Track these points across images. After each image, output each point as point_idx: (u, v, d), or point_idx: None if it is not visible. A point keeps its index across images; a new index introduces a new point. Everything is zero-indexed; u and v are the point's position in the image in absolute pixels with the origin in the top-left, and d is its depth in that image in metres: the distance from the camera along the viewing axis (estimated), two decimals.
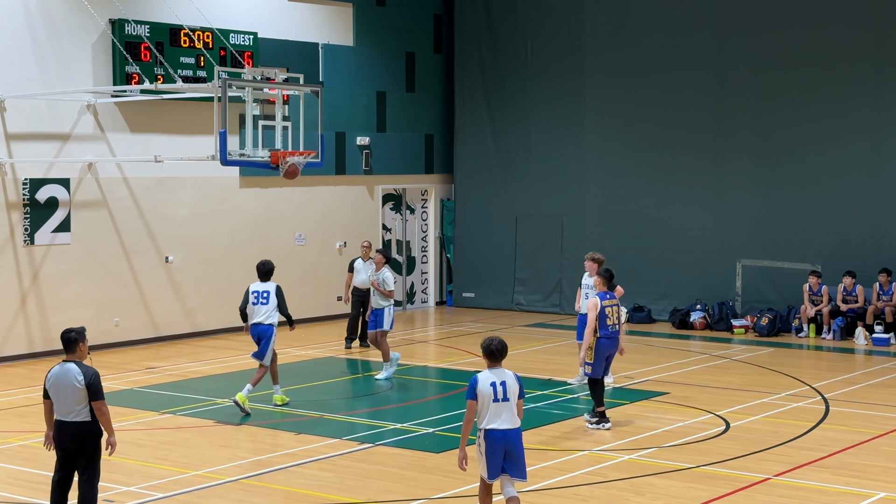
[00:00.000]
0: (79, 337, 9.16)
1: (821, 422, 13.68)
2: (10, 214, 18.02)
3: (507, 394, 8.85)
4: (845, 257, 20.83)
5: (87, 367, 9.10)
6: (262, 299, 14.45)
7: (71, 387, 9.02)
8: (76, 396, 9.04)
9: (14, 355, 18.06)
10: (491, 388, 8.82)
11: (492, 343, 8.93)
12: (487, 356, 8.94)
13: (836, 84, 21.09)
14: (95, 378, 9.07)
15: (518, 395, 8.94)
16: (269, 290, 14.57)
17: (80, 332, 9.21)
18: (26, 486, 10.98)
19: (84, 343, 9.19)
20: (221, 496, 10.64)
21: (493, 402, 8.81)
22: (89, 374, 9.07)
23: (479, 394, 8.84)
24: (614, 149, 23.27)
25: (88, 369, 9.09)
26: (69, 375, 9.04)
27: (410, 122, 24.52)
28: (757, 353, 18.91)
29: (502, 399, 8.83)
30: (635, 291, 22.92)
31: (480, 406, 8.85)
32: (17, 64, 18.06)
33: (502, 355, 8.94)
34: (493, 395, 8.81)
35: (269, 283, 14.66)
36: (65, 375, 9.06)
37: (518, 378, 8.99)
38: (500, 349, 8.93)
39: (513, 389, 8.88)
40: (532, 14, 24.10)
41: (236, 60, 19.60)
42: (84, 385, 9.03)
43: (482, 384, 8.84)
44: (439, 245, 25.49)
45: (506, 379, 8.89)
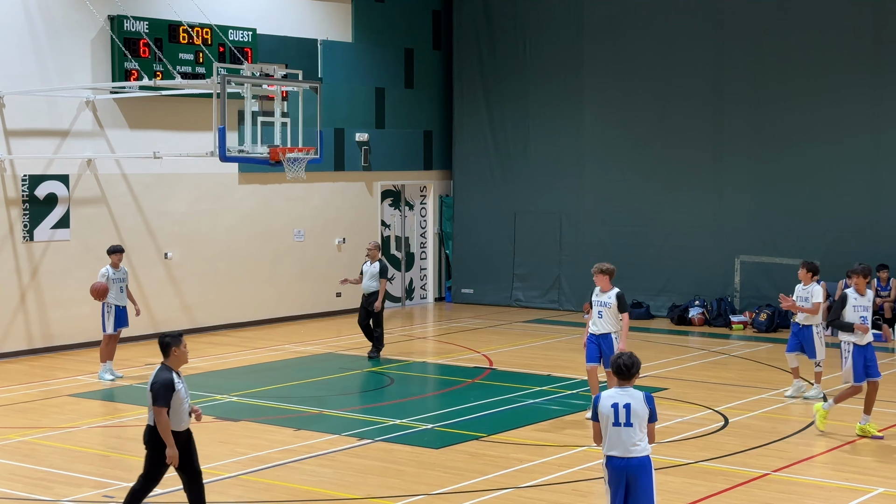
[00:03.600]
0: (172, 342, 9.01)
1: None
2: (9, 211, 18.03)
3: (630, 418, 7.88)
4: (844, 253, 20.83)
5: (160, 373, 8.95)
6: None
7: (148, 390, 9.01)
8: (148, 399, 9.00)
9: (13, 351, 18.07)
10: (612, 410, 7.91)
11: (620, 358, 8.07)
12: (615, 373, 8.06)
13: (834, 81, 21.09)
14: (157, 384, 8.88)
15: (648, 419, 7.95)
16: None
17: (175, 337, 9.04)
18: (26, 481, 11.00)
19: (178, 347, 9.03)
20: (220, 492, 10.66)
21: (612, 425, 7.90)
22: (156, 378, 8.92)
23: (600, 414, 7.97)
24: (613, 145, 23.28)
25: (160, 374, 8.94)
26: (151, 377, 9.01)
27: (409, 118, 24.52)
28: (755, 348, 18.93)
29: (624, 423, 7.87)
30: (634, 287, 22.94)
31: (602, 428, 7.96)
32: (16, 60, 18.05)
33: (630, 373, 8.00)
34: (613, 417, 7.90)
35: None
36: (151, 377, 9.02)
37: (650, 400, 7.99)
38: (628, 366, 8.00)
39: (639, 413, 7.90)
40: (531, 11, 24.10)
41: (235, 57, 19.59)
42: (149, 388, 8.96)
43: (603, 404, 7.95)
44: (438, 241, 25.50)
45: (631, 401, 7.92)
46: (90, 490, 10.68)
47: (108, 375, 16.10)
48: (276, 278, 21.78)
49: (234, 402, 14.63)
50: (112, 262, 16.22)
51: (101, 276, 16.14)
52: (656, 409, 8.05)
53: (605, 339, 13.26)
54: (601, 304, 13.32)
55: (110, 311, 16.05)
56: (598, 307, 13.34)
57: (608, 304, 13.25)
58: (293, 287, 22.07)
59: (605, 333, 13.25)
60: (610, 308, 13.24)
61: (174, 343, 9.01)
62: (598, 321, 13.31)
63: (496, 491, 10.61)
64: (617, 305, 13.24)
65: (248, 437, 12.78)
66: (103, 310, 16.07)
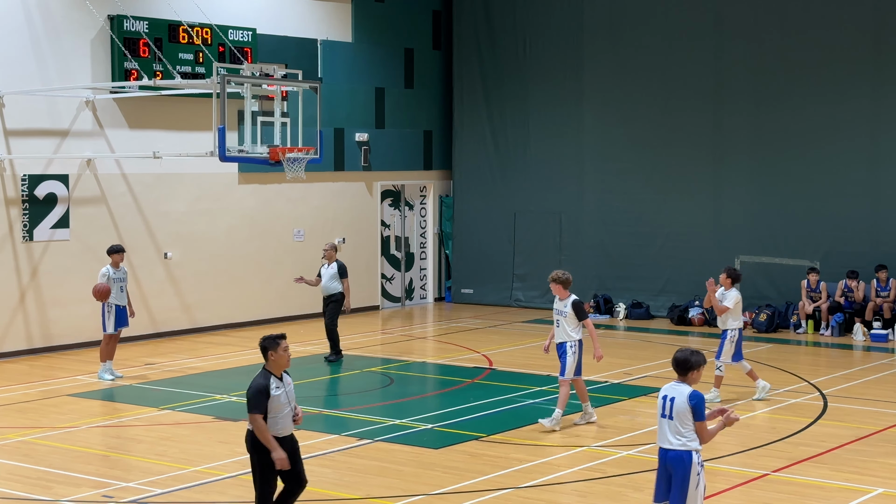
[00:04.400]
0: (268, 345, 8.66)
1: (819, 418, 13.70)
2: (8, 210, 18.02)
3: (671, 411, 8.05)
4: (843, 254, 20.85)
5: (256, 378, 8.64)
6: None
7: None
8: None
9: (13, 351, 18.07)
10: (661, 402, 8.15)
11: (675, 353, 8.18)
12: (672, 367, 8.20)
13: (834, 81, 21.09)
14: (251, 391, 8.57)
15: (691, 415, 7.99)
16: None
17: (272, 340, 8.68)
18: (25, 481, 10.99)
19: (275, 350, 8.64)
20: (220, 492, 10.65)
21: (660, 416, 8.14)
22: (251, 384, 8.61)
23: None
24: (613, 145, 23.28)
25: (255, 380, 8.62)
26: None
27: (409, 118, 24.52)
28: (755, 349, 18.92)
29: (667, 416, 8.07)
30: (633, 288, 22.97)
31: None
32: (16, 60, 18.05)
33: (682, 368, 8.07)
34: (661, 409, 8.14)
35: None
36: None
37: (692, 398, 7.99)
38: (679, 361, 8.10)
39: (679, 409, 8.01)
40: (531, 11, 24.10)
41: (235, 57, 19.59)
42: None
43: (659, 395, 8.22)
44: (438, 241, 25.49)
45: (677, 396, 8.04)
46: (89, 490, 10.67)
47: (108, 375, 16.10)
48: (276, 278, 21.77)
49: (233, 401, 14.62)
50: (112, 261, 16.21)
51: (102, 276, 16.13)
52: (702, 409, 8.01)
53: (560, 347, 13.09)
54: (558, 313, 13.10)
55: (111, 311, 16.06)
56: (555, 315, 13.15)
57: (564, 312, 13.01)
58: (293, 287, 22.04)
59: (561, 342, 13.12)
60: (566, 317, 12.98)
61: (270, 346, 8.64)
62: (556, 330, 13.15)
63: (496, 491, 10.60)
64: (574, 314, 12.97)
65: None
66: (104, 310, 16.07)
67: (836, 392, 15.20)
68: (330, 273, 17.55)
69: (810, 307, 20.47)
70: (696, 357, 8.11)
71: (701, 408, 8.05)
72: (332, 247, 17.77)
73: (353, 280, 22.63)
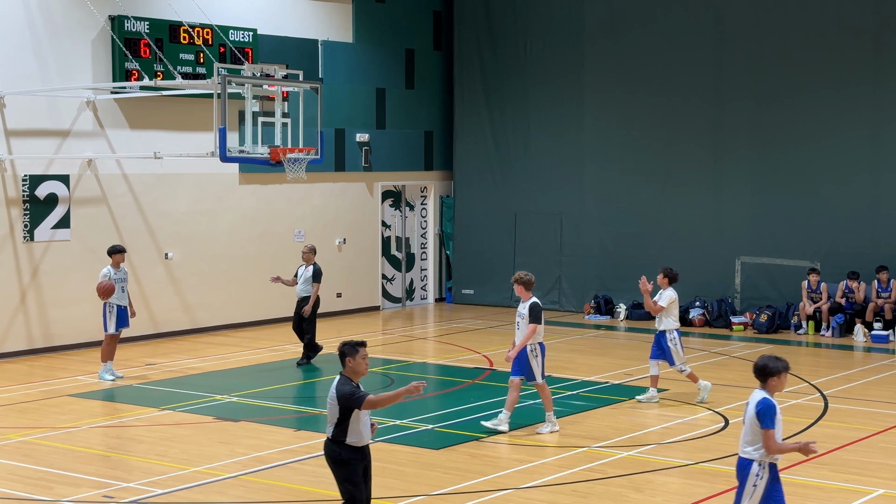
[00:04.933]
0: (347, 352, 8.32)
1: (819, 418, 13.69)
2: (9, 211, 18.02)
3: (745, 417, 8.02)
4: (844, 254, 20.84)
5: (340, 385, 8.23)
6: None
7: (329, 401, 8.32)
8: (330, 412, 8.32)
9: (13, 351, 18.07)
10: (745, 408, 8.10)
11: (756, 360, 8.13)
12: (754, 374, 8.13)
13: (834, 81, 21.09)
14: (342, 393, 8.18)
15: (758, 423, 7.92)
16: None
17: (352, 346, 8.34)
18: (26, 482, 10.99)
19: (353, 357, 8.30)
20: (221, 492, 10.65)
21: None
22: (338, 391, 8.20)
23: None
24: (613, 146, 23.28)
25: (340, 387, 8.22)
26: (331, 389, 8.29)
27: (410, 118, 24.52)
28: (756, 349, 18.92)
29: (743, 422, 8.09)
30: (634, 288, 22.91)
31: None
32: (17, 60, 18.05)
33: (758, 375, 8.05)
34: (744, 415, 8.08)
35: None
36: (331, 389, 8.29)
37: (759, 404, 7.95)
38: (758, 368, 8.07)
39: (748, 416, 8.00)
40: (531, 11, 24.10)
41: (236, 57, 19.60)
42: (336, 400, 8.23)
43: None
44: (438, 242, 25.49)
45: (749, 403, 8.03)
46: (90, 490, 10.67)
47: (109, 376, 16.10)
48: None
49: (234, 402, 14.63)
50: (113, 262, 16.20)
51: (103, 276, 16.12)
52: (768, 417, 7.92)
53: (522, 351, 12.87)
54: (519, 315, 12.94)
55: (112, 312, 16.06)
56: (517, 317, 13.00)
57: (523, 314, 12.82)
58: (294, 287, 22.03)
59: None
60: (524, 318, 12.78)
61: (349, 353, 8.32)
62: (517, 332, 12.95)
63: (496, 491, 10.60)
64: (529, 315, 12.76)
65: (248, 438, 12.77)
66: (105, 310, 16.07)
67: (837, 393, 15.20)
68: (306, 275, 17.51)
69: (811, 308, 20.47)
70: (775, 363, 8.00)
71: (767, 415, 7.90)
72: (310, 249, 17.65)
73: (354, 280, 22.68)
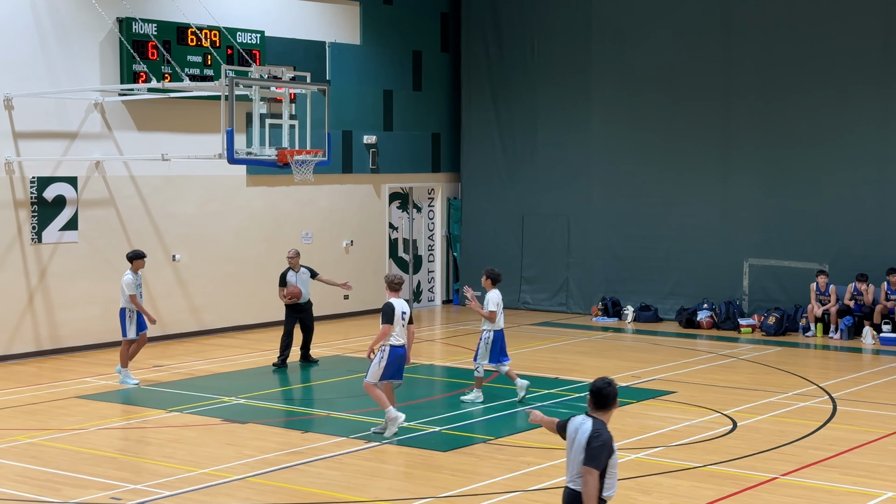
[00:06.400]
0: (612, 392, 7.25)
1: (828, 421, 13.66)
2: (17, 212, 18.05)
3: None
4: (853, 256, 20.79)
5: (600, 429, 7.14)
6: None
7: (581, 447, 7.17)
8: (576, 455, 7.21)
9: (21, 353, 18.09)
10: None
11: None
12: None
13: (844, 82, 21.05)
14: (599, 440, 7.09)
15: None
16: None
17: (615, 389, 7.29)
18: (33, 483, 11.00)
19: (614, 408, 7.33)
20: (228, 494, 10.65)
21: None
22: (599, 433, 7.11)
23: None
24: (621, 147, 23.25)
25: (600, 430, 7.13)
26: (583, 433, 7.17)
27: (417, 120, 24.52)
28: (764, 352, 18.89)
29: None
30: (642, 290, 22.94)
31: None
32: (25, 62, 18.09)
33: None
34: None
35: None
36: (580, 432, 7.21)
37: None
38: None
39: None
40: (539, 12, 24.09)
41: (243, 59, 19.62)
42: (584, 445, 7.14)
43: None
44: (446, 244, 25.49)
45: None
46: (98, 492, 10.67)
47: (131, 380, 16.07)
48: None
49: (241, 404, 14.64)
50: (134, 267, 16.16)
51: (128, 283, 15.99)
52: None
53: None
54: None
55: (132, 316, 15.98)
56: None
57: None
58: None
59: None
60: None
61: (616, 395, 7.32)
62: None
63: (504, 494, 10.59)
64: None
65: (255, 440, 12.77)
66: (124, 315, 15.97)
67: (845, 395, 15.16)
68: (304, 279, 17.49)
69: (819, 310, 20.43)
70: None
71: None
72: (296, 253, 17.60)
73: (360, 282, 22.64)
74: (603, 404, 7.24)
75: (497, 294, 14.63)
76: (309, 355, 17.65)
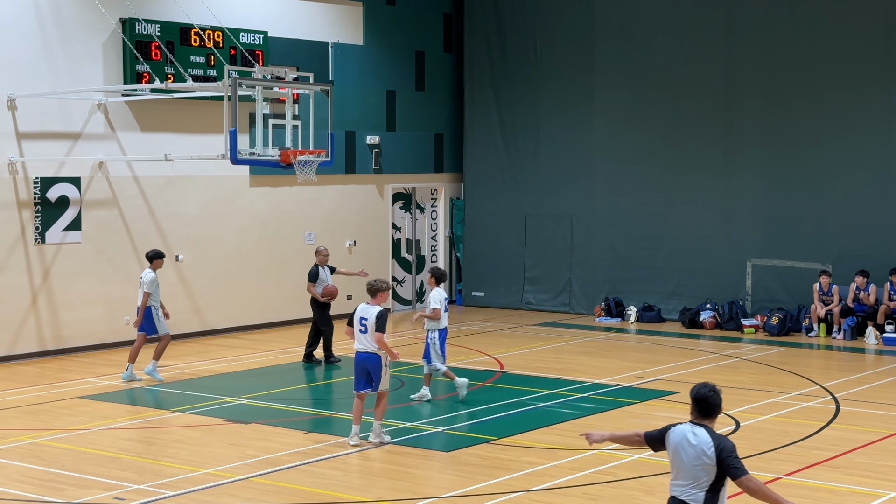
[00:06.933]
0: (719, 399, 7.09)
1: (831, 421, 13.65)
2: (21, 213, 18.07)
3: None
4: (856, 257, 20.78)
5: (720, 436, 6.97)
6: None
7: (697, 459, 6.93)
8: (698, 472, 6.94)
9: (25, 353, 18.11)
10: None
11: None
12: None
13: (846, 82, 21.04)
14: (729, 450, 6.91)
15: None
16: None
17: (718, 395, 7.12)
18: (36, 483, 11.01)
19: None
20: (231, 494, 10.66)
21: None
22: (724, 446, 6.90)
23: None
24: (624, 147, 23.25)
25: (723, 440, 6.95)
26: (698, 444, 6.94)
27: (420, 120, 24.53)
28: (767, 352, 18.88)
29: None
30: (644, 291, 22.93)
31: None
32: (28, 63, 18.10)
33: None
34: None
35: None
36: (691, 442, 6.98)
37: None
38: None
39: None
40: (541, 12, 24.09)
41: (246, 59, 19.63)
42: (714, 461, 6.89)
43: None
44: (449, 244, 25.49)
45: None
46: (101, 492, 10.68)
47: (158, 374, 16.21)
48: (287, 280, 21.78)
49: (244, 404, 14.65)
50: (153, 266, 16.29)
51: (151, 280, 16.13)
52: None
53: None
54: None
55: (158, 314, 16.19)
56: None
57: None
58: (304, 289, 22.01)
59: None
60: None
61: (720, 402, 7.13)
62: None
63: (506, 494, 10.59)
64: None
65: (258, 440, 12.78)
66: (151, 313, 16.13)
67: (848, 396, 15.15)
68: (329, 275, 17.68)
69: (822, 310, 20.42)
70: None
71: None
72: (327, 249, 18.10)
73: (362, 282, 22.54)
74: (708, 412, 7.05)
75: (440, 293, 14.68)
76: (332, 354, 17.70)
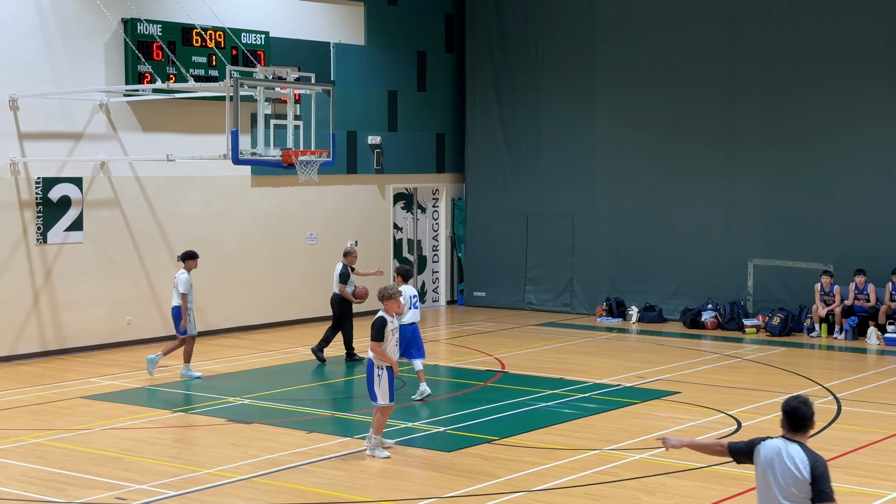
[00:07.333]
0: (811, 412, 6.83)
1: (832, 422, 13.65)
2: (22, 213, 18.08)
3: None
4: (857, 257, 20.77)
5: (815, 454, 6.77)
6: None
7: (790, 475, 6.72)
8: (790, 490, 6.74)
9: (27, 353, 18.12)
10: None
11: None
12: None
13: (848, 82, 21.03)
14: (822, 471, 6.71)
15: None
16: None
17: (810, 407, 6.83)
18: (38, 483, 11.02)
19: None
20: (233, 494, 10.67)
21: None
22: (816, 463, 6.71)
23: None
24: (625, 147, 23.26)
25: (816, 456, 6.76)
26: (791, 460, 6.73)
27: (422, 121, 24.54)
28: (768, 352, 18.88)
29: None
30: (646, 291, 22.93)
31: None
32: (30, 63, 18.12)
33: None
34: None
35: None
36: (784, 458, 6.75)
37: None
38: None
39: None
40: (543, 13, 24.10)
41: (248, 60, 19.64)
42: (808, 478, 6.69)
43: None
44: (450, 244, 25.50)
45: None
46: (103, 492, 10.69)
47: (194, 373, 16.30)
48: (289, 281, 21.80)
49: (246, 404, 14.66)
50: (187, 266, 16.38)
51: (184, 281, 16.27)
52: None
53: None
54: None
55: (191, 315, 16.31)
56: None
57: None
58: (305, 289, 22.08)
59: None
60: None
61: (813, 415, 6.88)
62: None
63: (508, 494, 10.59)
64: None
65: (260, 440, 12.79)
66: (180, 313, 16.27)
67: (850, 396, 15.15)
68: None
69: (824, 310, 20.41)
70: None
71: None
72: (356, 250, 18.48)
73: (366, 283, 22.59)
74: (800, 425, 6.80)
75: (408, 289, 14.66)
76: (354, 353, 17.83)
